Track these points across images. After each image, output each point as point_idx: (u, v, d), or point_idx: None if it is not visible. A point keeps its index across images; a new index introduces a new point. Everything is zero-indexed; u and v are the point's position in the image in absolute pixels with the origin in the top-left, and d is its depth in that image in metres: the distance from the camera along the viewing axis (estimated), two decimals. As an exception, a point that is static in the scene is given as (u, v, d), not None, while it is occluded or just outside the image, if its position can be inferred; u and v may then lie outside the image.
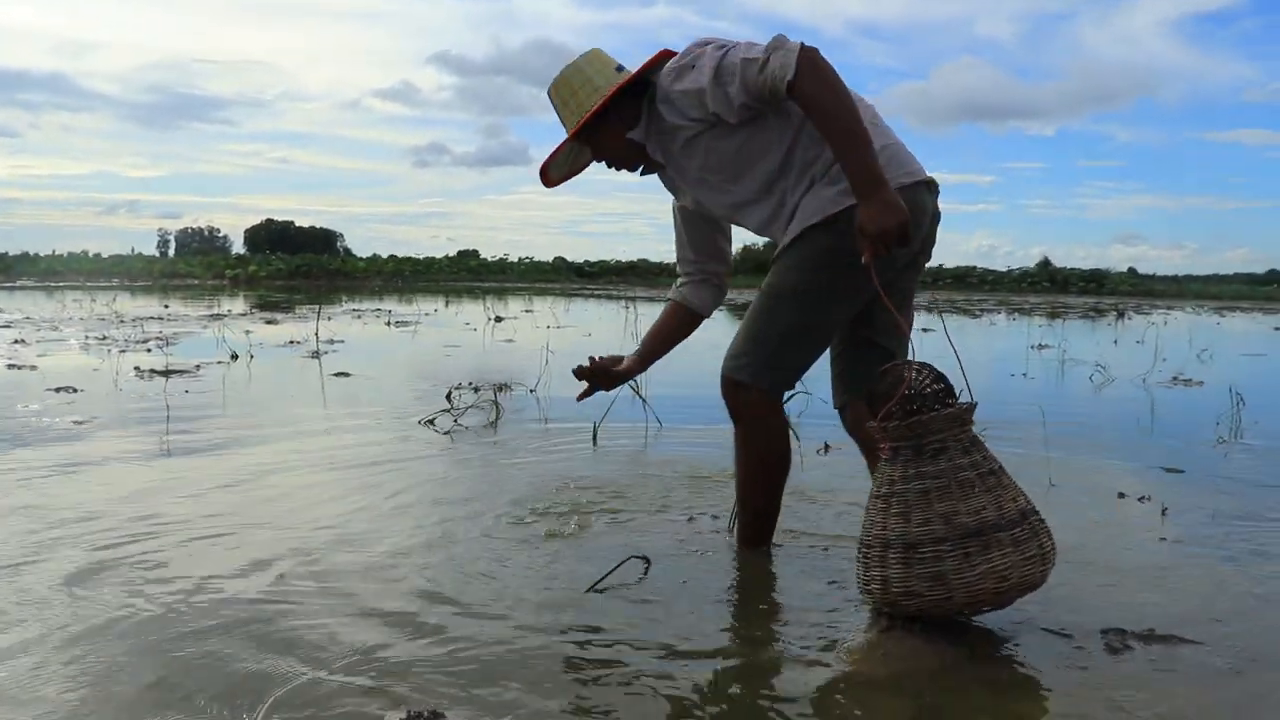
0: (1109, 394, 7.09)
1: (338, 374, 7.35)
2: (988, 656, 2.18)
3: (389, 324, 13.67)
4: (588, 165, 2.87)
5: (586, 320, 15.50)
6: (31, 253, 50.33)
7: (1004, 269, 52.21)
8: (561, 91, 2.67)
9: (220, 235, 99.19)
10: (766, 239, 2.76)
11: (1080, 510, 3.48)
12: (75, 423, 4.99)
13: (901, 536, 2.21)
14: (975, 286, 48.53)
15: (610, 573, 2.62)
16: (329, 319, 13.16)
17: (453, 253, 57.71)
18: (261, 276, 38.05)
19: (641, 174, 2.80)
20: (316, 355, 8.74)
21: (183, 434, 4.75)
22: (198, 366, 7.64)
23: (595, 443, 4.66)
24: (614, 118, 2.64)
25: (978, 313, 21.76)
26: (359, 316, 15.31)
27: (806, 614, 2.42)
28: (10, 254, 49.51)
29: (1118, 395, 7.01)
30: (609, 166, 2.78)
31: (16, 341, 9.72)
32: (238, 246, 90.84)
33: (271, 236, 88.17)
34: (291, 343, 9.93)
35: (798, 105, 2.44)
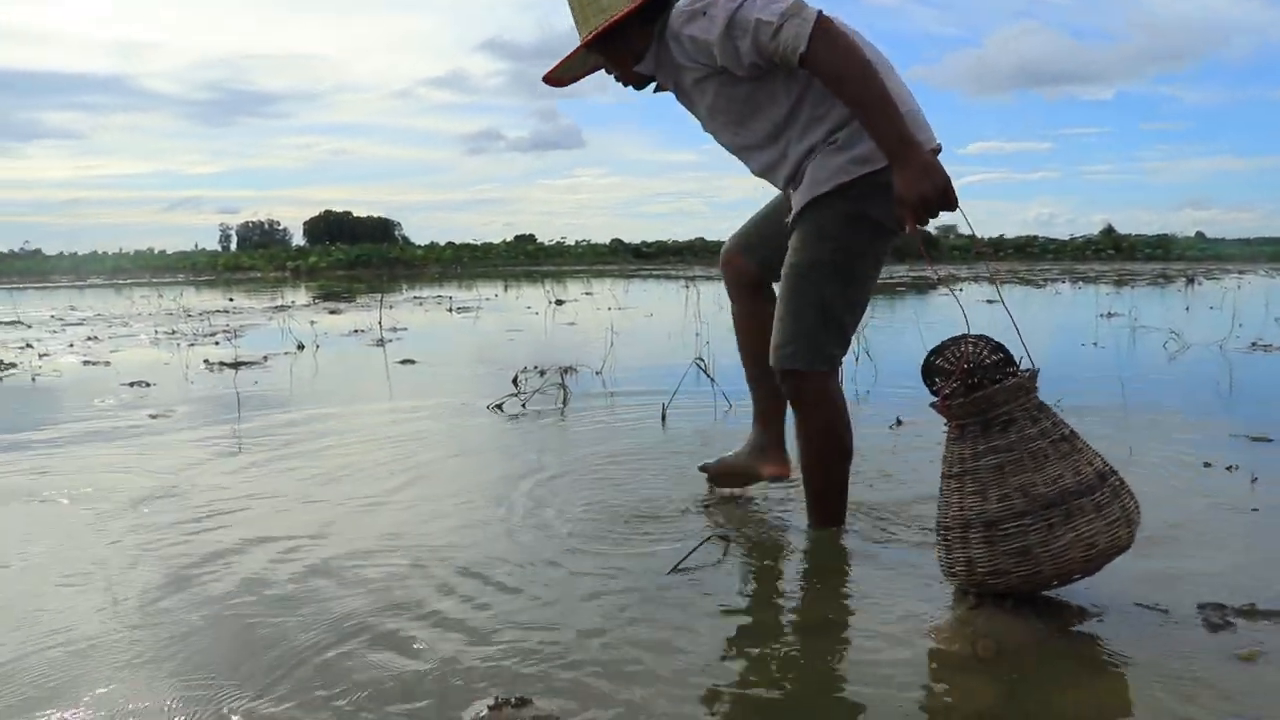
0: (1185, 361, 6.91)
1: (403, 361, 7.39)
2: (1079, 633, 2.11)
3: (451, 310, 13.73)
4: (598, 69, 2.79)
5: (647, 301, 15.42)
6: (99, 251, 51.19)
7: (1065, 237, 51.36)
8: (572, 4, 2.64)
9: (280, 228, 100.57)
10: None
11: (1165, 480, 3.39)
12: (150, 416, 5.06)
13: (981, 515, 2.16)
14: (1037, 256, 47.70)
15: (690, 554, 2.60)
16: (391, 307, 13.22)
17: (510, 238, 57.92)
18: (322, 267, 38.36)
19: (655, 91, 2.76)
20: (381, 343, 8.79)
21: (254, 423, 4.80)
22: (265, 358, 7.72)
23: (664, 423, 4.63)
24: (622, 43, 2.62)
25: (1041, 282, 21.39)
26: (420, 303, 15.39)
27: (890, 593, 2.38)
28: (79, 253, 50.45)
29: (1195, 363, 6.83)
30: (617, 80, 2.75)
31: (90, 338, 9.89)
32: (297, 238, 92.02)
33: (330, 227, 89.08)
34: (356, 331, 10.01)
35: (811, 75, 2.41)
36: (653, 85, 2.74)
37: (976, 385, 2.23)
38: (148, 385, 6.23)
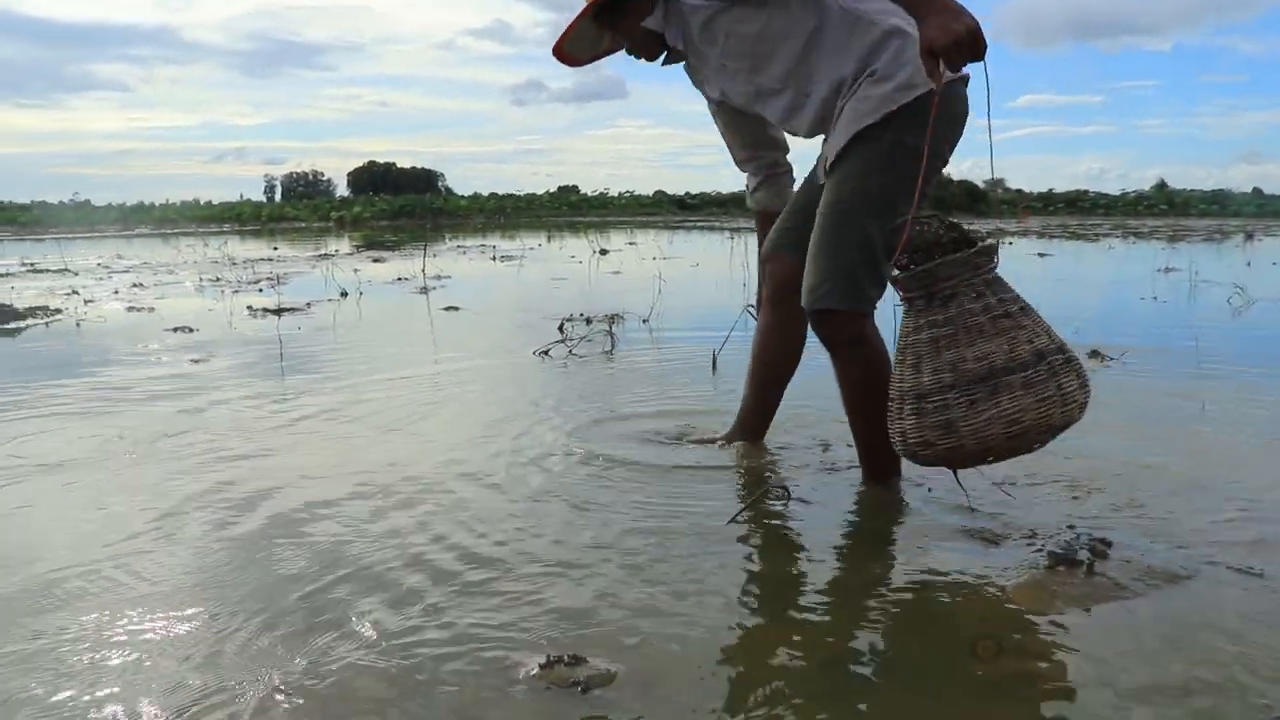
0: (1251, 317, 6.68)
1: (447, 308, 7.31)
2: (1166, 600, 1.97)
3: (494, 259, 13.64)
4: (613, 50, 2.73)
5: (692, 252, 15.25)
6: (147, 202, 51.61)
7: (1117, 192, 50.46)
8: None
9: (324, 179, 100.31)
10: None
11: (1240, 440, 3.23)
12: (193, 361, 5.00)
13: (914, 388, 2.19)
14: (1088, 211, 46.89)
15: (749, 505, 2.49)
16: (435, 256, 13.16)
17: (553, 188, 57.62)
18: (366, 218, 38.41)
19: (664, 64, 2.69)
20: (425, 291, 8.71)
21: (296, 367, 4.74)
22: (308, 304, 7.66)
23: (715, 370, 4.51)
24: (630, 5, 2.56)
25: (1094, 237, 20.99)
26: (464, 252, 15.32)
27: (957, 551, 2.24)
28: (128, 204, 50.89)
29: (1261, 318, 6.61)
30: (629, 54, 2.68)
31: (135, 286, 9.88)
32: (341, 189, 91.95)
33: (374, 178, 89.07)
34: (399, 279, 9.94)
35: None
36: (664, 58, 2.68)
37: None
38: (190, 331, 6.18)
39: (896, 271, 2.24)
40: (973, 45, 2.08)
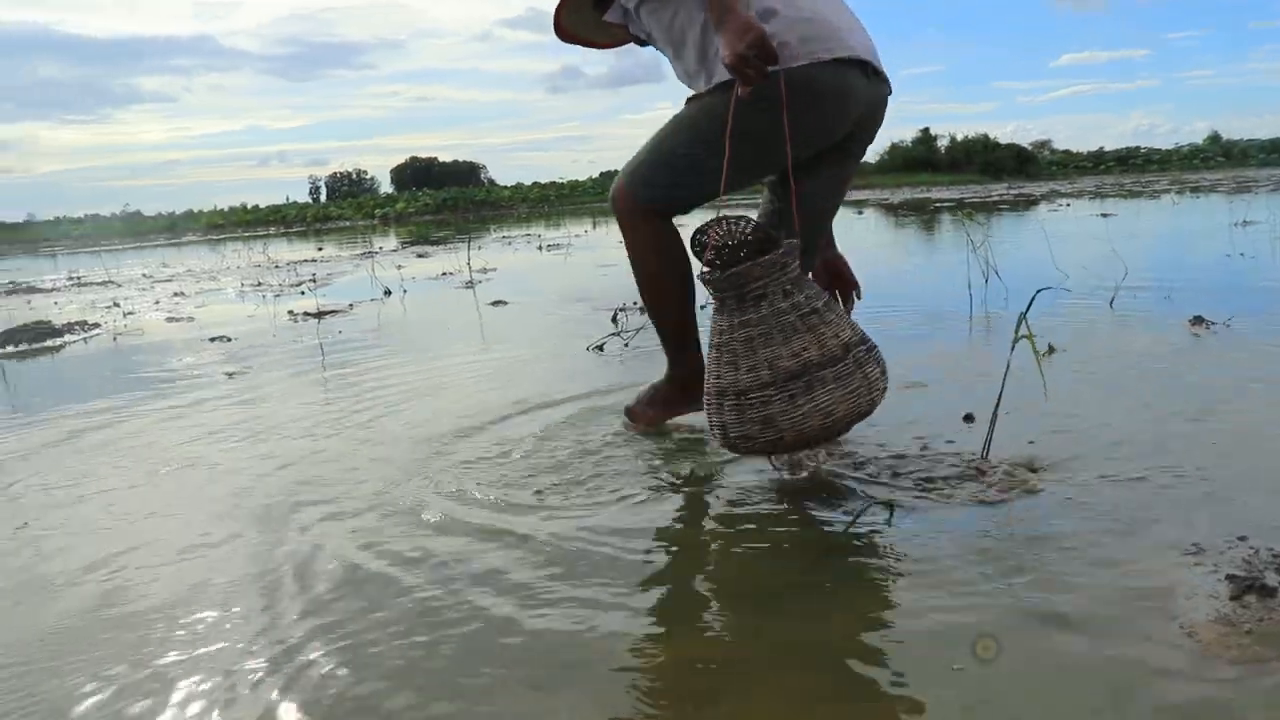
0: (1352, 268, 6.21)
1: (494, 303, 7.00)
2: None
3: (540, 249, 13.35)
4: (621, 43, 3.01)
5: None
6: (195, 209, 52.16)
7: (1169, 147, 49.32)
8: None
9: (368, 177, 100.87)
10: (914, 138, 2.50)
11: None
12: (227, 374, 4.73)
13: (733, 384, 2.30)
14: (1141, 168, 45.96)
15: (854, 520, 2.15)
16: (479, 248, 12.90)
17: (595, 174, 57.34)
18: (410, 213, 38.48)
19: (642, 44, 2.90)
20: (470, 285, 8.43)
21: (338, 372, 4.47)
22: (351, 305, 7.40)
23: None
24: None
25: (1153, 194, 20.33)
26: (509, 244, 15.05)
27: (1095, 576, 1.89)
28: (176, 212, 51.45)
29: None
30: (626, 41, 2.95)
31: (176, 295, 9.71)
32: (385, 186, 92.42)
33: (416, 174, 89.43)
34: (444, 275, 9.66)
35: None
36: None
37: (741, 261, 2.32)
38: (228, 340, 5.94)
39: (706, 271, 2.36)
40: (760, 55, 2.26)
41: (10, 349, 6.35)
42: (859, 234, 12.76)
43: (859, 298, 3.10)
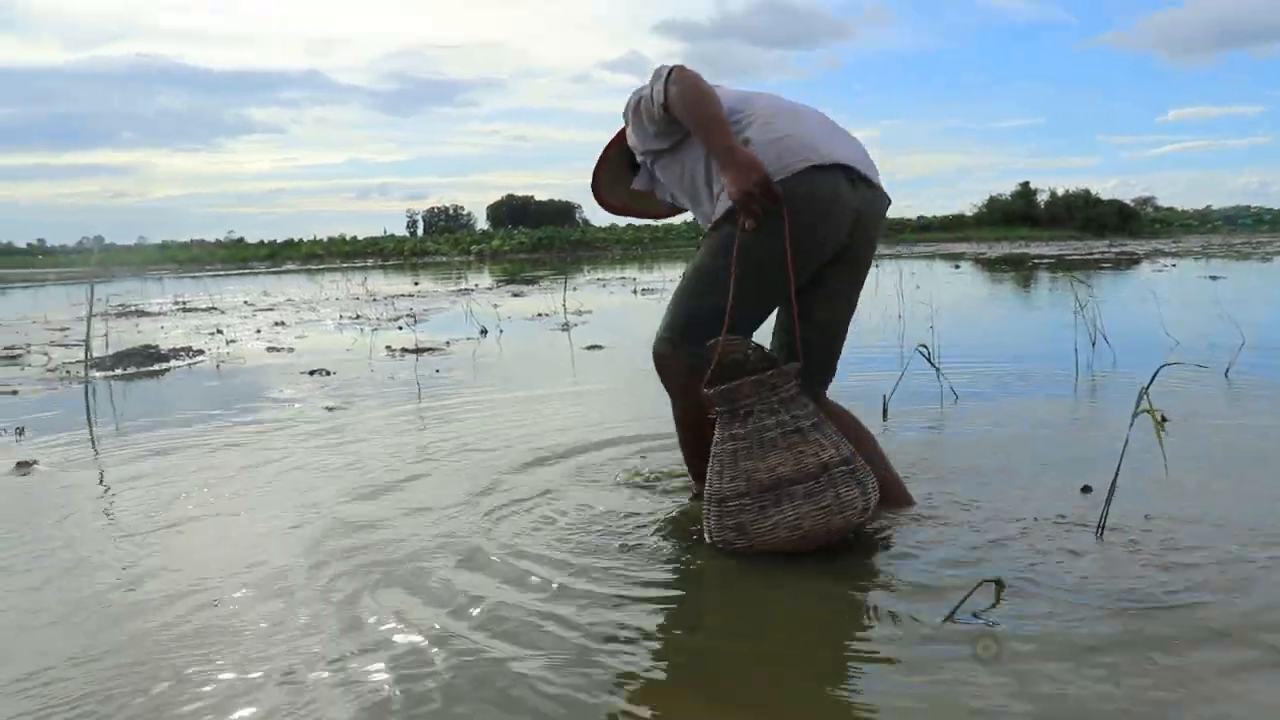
0: None
1: (590, 347, 6.99)
2: None
3: (635, 292, 13.35)
4: (664, 213, 3.20)
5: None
6: (295, 239, 53.42)
7: (1280, 206, 48.00)
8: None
9: (464, 213, 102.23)
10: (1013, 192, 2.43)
11: None
12: (327, 409, 4.77)
13: (717, 492, 2.47)
14: (1251, 228, 44.77)
15: (962, 602, 2.05)
16: (574, 289, 12.95)
17: (688, 219, 57.33)
18: (505, 250, 38.90)
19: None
20: (566, 328, 8.45)
21: (434, 412, 4.47)
22: (448, 343, 7.46)
23: (885, 417, 4.07)
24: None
25: (1265, 256, 19.73)
26: (604, 285, 15.10)
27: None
28: (277, 240, 52.76)
29: None
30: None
31: (277, 324, 9.89)
32: (481, 223, 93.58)
33: (512, 212, 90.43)
34: (539, 315, 9.71)
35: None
36: None
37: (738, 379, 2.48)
38: (328, 374, 6.00)
39: (707, 390, 2.51)
40: (764, 194, 2.47)
41: (119, 371, 6.50)
42: (958, 287, 12.56)
43: None
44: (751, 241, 2.54)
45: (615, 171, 3.07)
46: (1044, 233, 40.37)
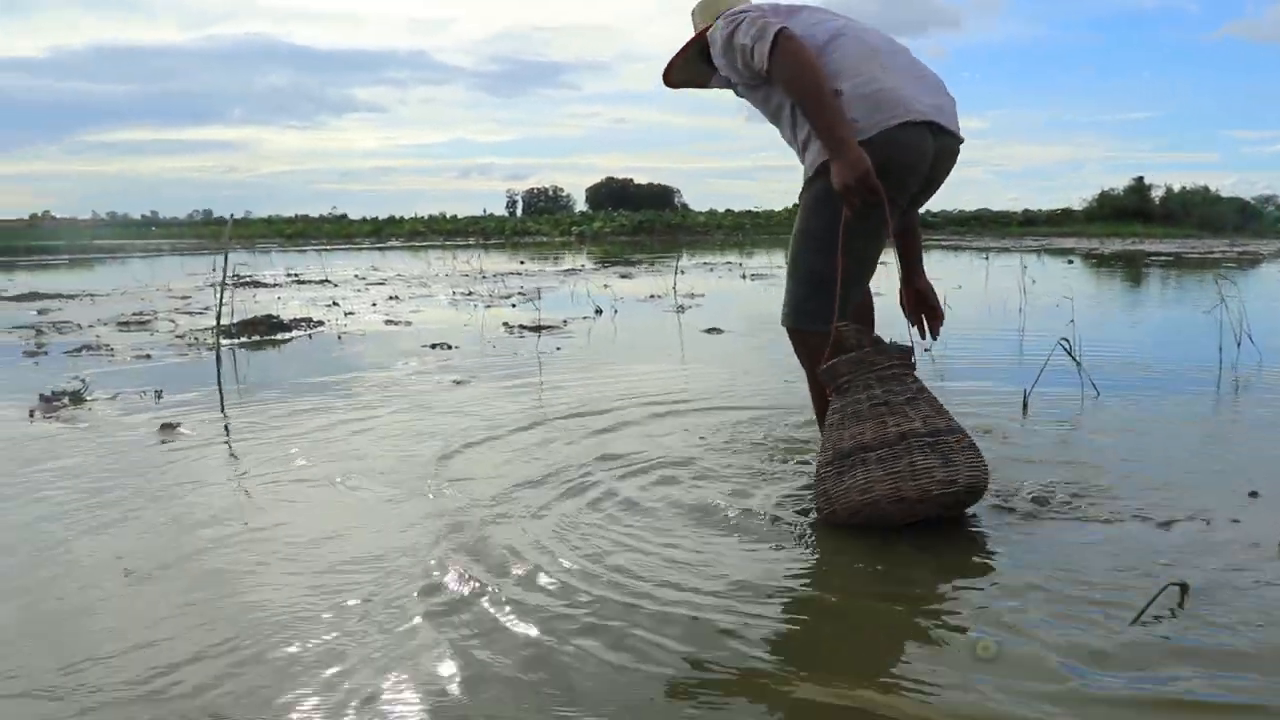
0: None
1: (709, 330, 6.93)
2: None
3: (744, 277, 13.25)
4: (710, 84, 3.13)
5: (945, 271, 14.40)
6: (398, 215, 54.25)
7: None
8: (695, 17, 3.04)
9: (564, 194, 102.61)
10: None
11: None
12: (455, 381, 4.79)
13: (819, 462, 2.59)
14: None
15: (1150, 604, 1.95)
16: (682, 272, 12.90)
17: (789, 205, 57.04)
18: (606, 232, 39.01)
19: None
20: (680, 310, 8.40)
21: (556, 390, 4.45)
22: (565, 322, 7.45)
23: (1025, 412, 3.94)
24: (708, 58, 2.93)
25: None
26: (711, 270, 15.00)
27: None
28: (380, 217, 53.64)
29: None
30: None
31: (391, 298, 10.00)
32: (580, 205, 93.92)
33: (611, 194, 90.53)
34: (651, 297, 9.66)
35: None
36: None
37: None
38: (449, 348, 6.03)
39: (820, 370, 2.68)
40: (864, 190, 2.57)
41: (245, 339, 6.61)
42: (1075, 283, 12.25)
43: (941, 322, 3.22)
44: (840, 211, 2.68)
45: (689, 62, 3.07)
46: (1158, 230, 39.17)
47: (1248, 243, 30.53)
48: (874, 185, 2.57)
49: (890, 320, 3.24)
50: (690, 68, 3.08)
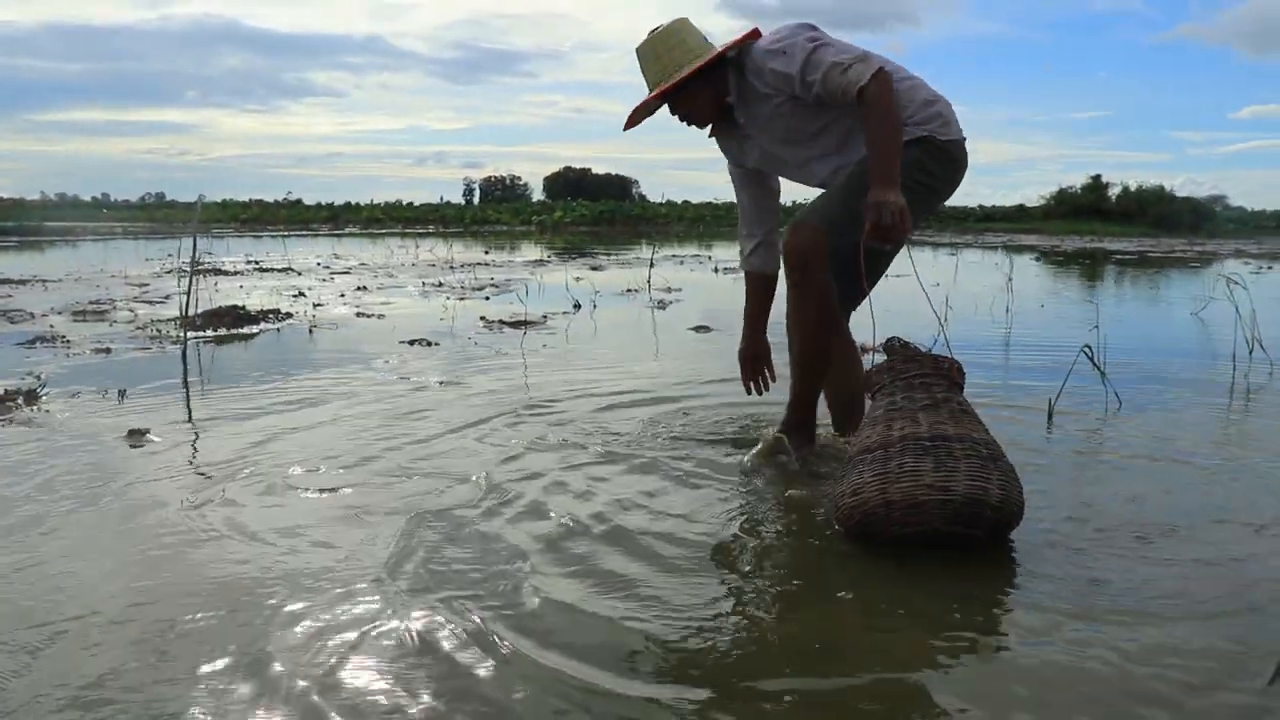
0: None
1: (697, 329, 6.68)
2: None
3: (715, 271, 13.04)
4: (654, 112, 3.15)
5: (920, 267, 14.20)
6: (353, 202, 53.58)
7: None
8: (656, 47, 3.02)
9: (521, 183, 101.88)
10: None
11: None
12: (440, 383, 4.51)
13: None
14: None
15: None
16: (653, 265, 12.65)
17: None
18: (566, 223, 38.62)
19: (710, 134, 3.22)
20: (660, 306, 8.18)
21: (535, 390, 4.19)
22: (544, 317, 7.19)
23: (1051, 422, 3.74)
24: (703, 82, 2.99)
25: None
26: (681, 263, 14.76)
27: None
28: (336, 203, 52.95)
29: None
30: (682, 120, 3.12)
31: (360, 288, 9.69)
32: (537, 193, 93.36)
33: (569, 184, 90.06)
34: (629, 291, 9.41)
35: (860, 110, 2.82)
36: (710, 130, 3.21)
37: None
38: (429, 344, 5.75)
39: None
40: (889, 231, 2.68)
41: (210, 333, 6.28)
42: (1049, 282, 12.14)
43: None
44: (927, 179, 2.95)
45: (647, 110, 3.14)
46: (1114, 228, 39.40)
47: (1204, 242, 30.81)
48: (898, 232, 2.69)
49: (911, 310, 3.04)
50: (649, 110, 3.15)
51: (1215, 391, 4.44)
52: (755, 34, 3.02)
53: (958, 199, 3.65)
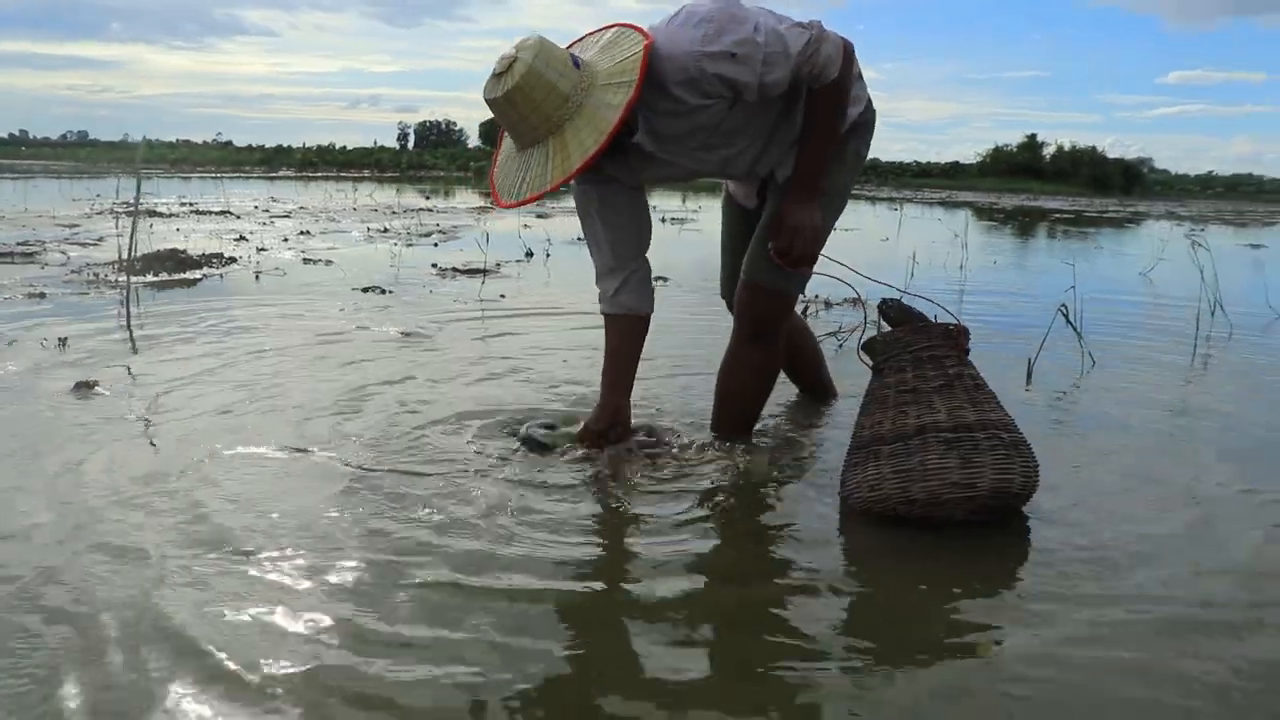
0: None
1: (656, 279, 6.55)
2: None
3: (662, 220, 12.89)
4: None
5: (864, 220, 14.16)
6: (285, 144, 52.50)
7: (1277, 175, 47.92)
8: (520, 107, 2.31)
9: (456, 128, 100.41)
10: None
11: None
12: (403, 334, 4.36)
13: (850, 447, 2.38)
14: (1253, 195, 44.27)
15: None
16: (599, 215, 12.49)
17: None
18: (504, 169, 38.20)
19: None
20: (613, 256, 8.02)
21: (506, 336, 4.06)
22: (498, 265, 7.02)
23: (1030, 380, 3.72)
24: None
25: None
26: (625, 213, 14.58)
27: None
28: (267, 145, 51.89)
29: None
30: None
31: (303, 233, 9.42)
32: (473, 139, 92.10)
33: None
34: (579, 239, 9.24)
35: (815, 90, 2.40)
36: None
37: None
38: (383, 292, 5.57)
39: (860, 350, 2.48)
40: (799, 258, 2.47)
41: (151, 277, 6.02)
42: (1002, 240, 12.17)
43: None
44: (845, 182, 2.68)
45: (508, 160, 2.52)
46: (1049, 187, 39.95)
47: (1135, 203, 31.33)
48: (813, 255, 2.52)
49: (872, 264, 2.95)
50: (524, 172, 2.42)
51: (1178, 351, 4.46)
52: (649, 44, 2.29)
53: (894, 155, 3.45)
